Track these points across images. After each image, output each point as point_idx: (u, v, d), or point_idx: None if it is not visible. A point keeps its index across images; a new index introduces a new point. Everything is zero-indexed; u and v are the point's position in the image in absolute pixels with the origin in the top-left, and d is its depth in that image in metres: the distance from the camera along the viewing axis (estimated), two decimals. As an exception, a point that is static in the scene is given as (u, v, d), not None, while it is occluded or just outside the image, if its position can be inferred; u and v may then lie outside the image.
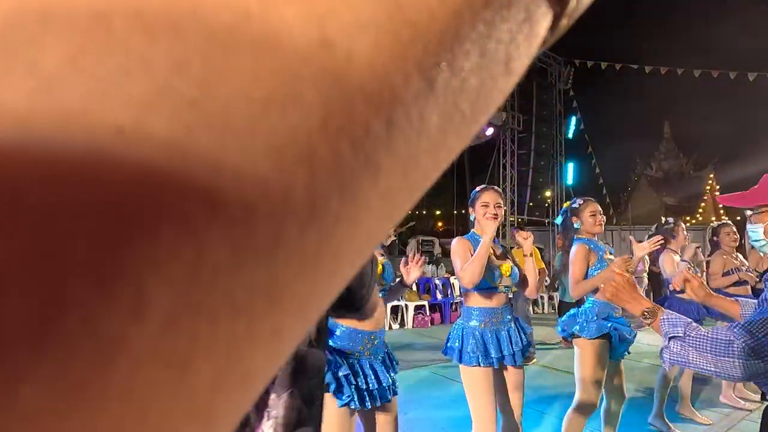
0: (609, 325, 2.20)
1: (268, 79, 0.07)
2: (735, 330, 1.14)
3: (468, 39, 0.09)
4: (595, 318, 2.22)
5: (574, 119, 15.71)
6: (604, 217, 2.33)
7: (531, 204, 15.31)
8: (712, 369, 1.15)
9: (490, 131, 11.61)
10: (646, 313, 1.29)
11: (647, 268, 4.01)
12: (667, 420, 2.96)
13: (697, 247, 2.98)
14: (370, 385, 1.59)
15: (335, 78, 0.08)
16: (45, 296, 0.06)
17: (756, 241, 1.50)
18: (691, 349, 1.19)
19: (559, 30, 0.12)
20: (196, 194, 0.07)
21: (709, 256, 3.25)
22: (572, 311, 2.33)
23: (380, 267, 1.67)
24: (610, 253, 2.35)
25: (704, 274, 3.13)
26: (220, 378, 0.08)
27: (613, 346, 2.23)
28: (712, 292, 1.73)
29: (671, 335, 1.22)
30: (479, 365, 1.91)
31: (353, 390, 1.55)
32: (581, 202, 2.36)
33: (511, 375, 2.03)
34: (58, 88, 0.06)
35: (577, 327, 2.23)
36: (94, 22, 0.06)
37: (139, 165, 0.06)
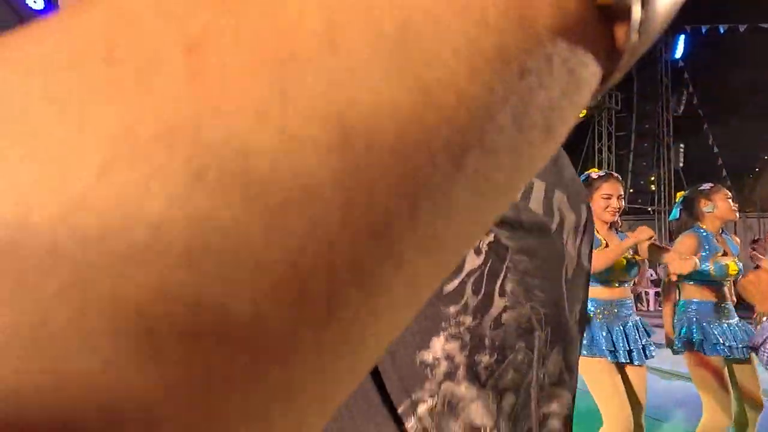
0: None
1: (284, 182, 0.07)
2: None
3: (501, 114, 0.08)
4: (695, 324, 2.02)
5: (685, 94, 13.93)
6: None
7: (632, 190, 13.93)
8: None
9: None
10: None
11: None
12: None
13: None
14: None
15: (355, 171, 0.07)
16: None
17: None
18: None
19: (612, 81, 0.11)
20: (210, 300, 0.07)
21: None
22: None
23: None
24: (733, 253, 2.06)
25: None
26: None
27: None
28: None
29: None
30: (603, 357, 1.82)
31: None
32: (711, 185, 2.15)
33: (630, 374, 1.91)
34: (90, 202, 0.06)
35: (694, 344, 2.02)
36: (123, 131, 0.07)
37: (156, 277, 0.06)
